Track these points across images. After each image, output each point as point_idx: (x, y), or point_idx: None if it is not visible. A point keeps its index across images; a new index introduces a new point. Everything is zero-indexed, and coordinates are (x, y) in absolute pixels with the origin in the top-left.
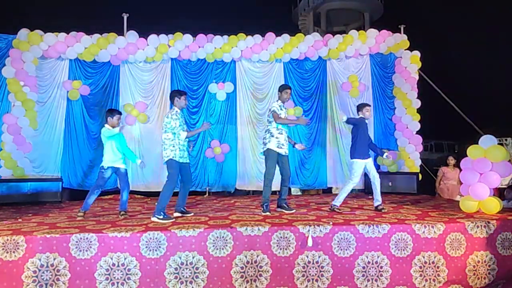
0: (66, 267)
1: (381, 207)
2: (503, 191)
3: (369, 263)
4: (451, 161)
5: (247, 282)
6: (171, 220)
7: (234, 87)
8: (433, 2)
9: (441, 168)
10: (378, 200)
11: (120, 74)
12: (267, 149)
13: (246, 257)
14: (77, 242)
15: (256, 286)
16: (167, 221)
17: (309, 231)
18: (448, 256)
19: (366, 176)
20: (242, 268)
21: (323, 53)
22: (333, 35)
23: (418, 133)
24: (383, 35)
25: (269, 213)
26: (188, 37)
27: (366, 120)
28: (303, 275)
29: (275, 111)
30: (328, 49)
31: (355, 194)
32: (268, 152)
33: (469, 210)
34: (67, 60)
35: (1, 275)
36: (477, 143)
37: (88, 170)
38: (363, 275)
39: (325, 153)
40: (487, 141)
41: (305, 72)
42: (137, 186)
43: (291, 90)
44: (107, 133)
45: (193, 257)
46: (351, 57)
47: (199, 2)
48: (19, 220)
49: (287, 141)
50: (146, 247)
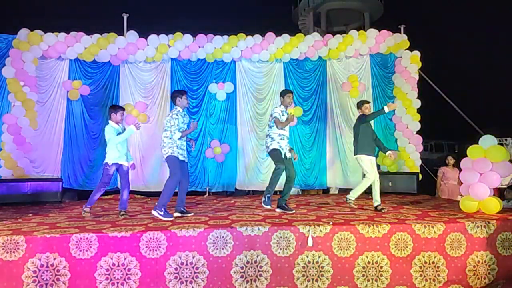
0: (66, 267)
1: (380, 207)
2: (503, 191)
3: (369, 263)
4: (450, 160)
5: (247, 282)
6: (170, 218)
7: (234, 87)
8: (433, 2)
9: (441, 168)
10: (377, 200)
11: (120, 74)
12: (270, 149)
13: (246, 257)
14: (77, 242)
15: (256, 286)
16: (167, 219)
17: (309, 231)
18: (448, 256)
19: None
20: (242, 268)
21: (323, 53)
22: (333, 35)
23: (418, 133)
24: (383, 35)
25: (270, 207)
26: (188, 37)
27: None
28: (303, 275)
29: (277, 117)
30: (328, 49)
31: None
32: (273, 151)
33: (469, 210)
34: (67, 60)
35: (1, 275)
36: (477, 143)
37: (88, 170)
38: (363, 275)
39: (325, 153)
40: (487, 141)
41: (305, 72)
42: (137, 186)
43: (293, 94)
44: (115, 134)
45: (193, 257)
46: (351, 57)
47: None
48: (19, 220)
49: (287, 147)
50: (146, 247)
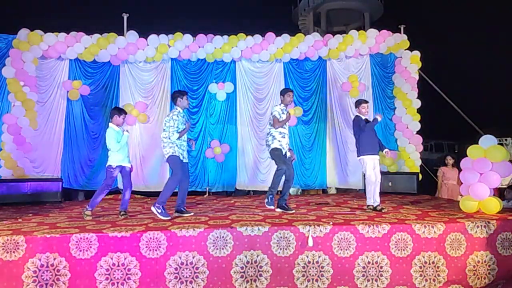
0: (66, 267)
1: (380, 207)
2: (503, 191)
3: (369, 263)
4: (450, 160)
5: (247, 282)
6: (168, 217)
7: (234, 87)
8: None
9: (440, 168)
10: (376, 201)
11: (120, 74)
12: (271, 149)
13: (246, 257)
14: (77, 242)
15: (256, 286)
16: (164, 217)
17: (309, 231)
18: (448, 256)
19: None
20: (242, 268)
21: (323, 53)
22: (333, 35)
23: (418, 133)
24: (383, 35)
25: (273, 207)
26: (188, 37)
27: (363, 117)
28: (303, 275)
29: (276, 115)
30: (328, 49)
31: (354, 194)
32: (274, 151)
33: (469, 210)
34: (67, 60)
35: (1, 275)
36: (477, 143)
37: (88, 170)
38: (363, 275)
39: (325, 153)
40: (487, 141)
41: (305, 72)
42: (137, 186)
43: (293, 92)
44: (118, 138)
45: (193, 257)
46: (351, 57)
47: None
48: (19, 220)
49: (288, 145)
50: (146, 247)
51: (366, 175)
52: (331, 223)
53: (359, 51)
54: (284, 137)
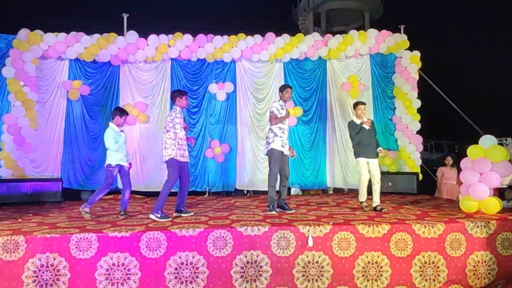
0: (66, 267)
1: (380, 207)
2: (503, 191)
3: (369, 263)
4: (449, 161)
5: (247, 282)
6: (168, 219)
7: (234, 87)
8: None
9: (439, 168)
10: (375, 201)
11: (120, 74)
12: (270, 149)
13: (246, 257)
14: (77, 242)
15: (256, 286)
16: (165, 220)
17: (309, 231)
18: (448, 256)
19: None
20: (242, 268)
21: (323, 53)
22: (333, 35)
23: (418, 133)
24: (383, 35)
25: (275, 212)
26: (188, 37)
27: (358, 120)
28: (303, 275)
29: (274, 111)
30: (328, 49)
31: (354, 194)
32: (272, 152)
33: (469, 210)
34: (67, 60)
35: (1, 275)
36: (477, 143)
37: (88, 170)
38: (363, 275)
39: (325, 153)
40: (487, 141)
41: (305, 72)
42: (137, 186)
43: (292, 89)
44: (117, 138)
45: (193, 257)
46: (351, 57)
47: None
48: (19, 220)
49: (287, 141)
50: (146, 247)
51: (360, 177)
52: (331, 223)
53: (359, 51)
54: (284, 133)
